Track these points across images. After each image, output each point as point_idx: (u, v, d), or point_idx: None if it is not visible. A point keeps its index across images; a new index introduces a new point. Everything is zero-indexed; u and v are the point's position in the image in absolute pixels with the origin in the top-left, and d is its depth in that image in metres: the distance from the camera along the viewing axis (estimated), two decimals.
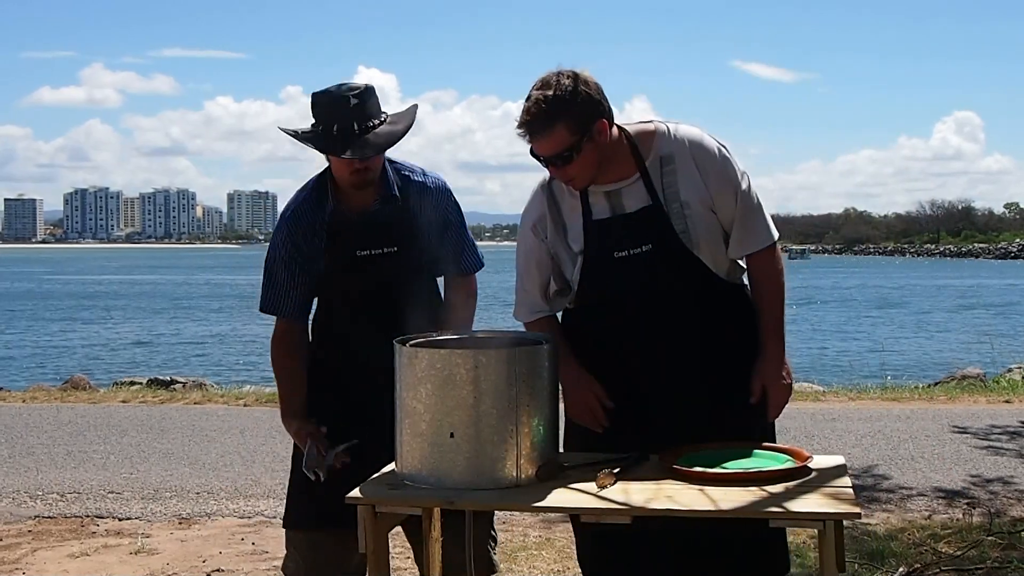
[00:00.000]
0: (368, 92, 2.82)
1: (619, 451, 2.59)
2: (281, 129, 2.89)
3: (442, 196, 3.03)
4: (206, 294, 49.30)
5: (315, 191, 2.96)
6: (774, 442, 2.72)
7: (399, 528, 2.81)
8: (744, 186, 2.70)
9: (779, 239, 2.80)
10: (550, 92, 2.53)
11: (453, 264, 3.08)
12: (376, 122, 2.82)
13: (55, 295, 48.71)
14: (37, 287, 56.72)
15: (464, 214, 3.11)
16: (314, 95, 2.82)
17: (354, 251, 2.92)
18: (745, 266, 2.78)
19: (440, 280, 3.12)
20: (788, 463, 2.47)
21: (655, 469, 2.49)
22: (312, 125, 2.84)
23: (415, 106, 2.96)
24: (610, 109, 2.63)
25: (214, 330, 29.20)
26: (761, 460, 2.49)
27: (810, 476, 2.43)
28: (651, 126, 2.72)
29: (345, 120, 2.77)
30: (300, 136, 2.84)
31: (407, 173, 2.99)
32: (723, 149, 2.71)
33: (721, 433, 2.63)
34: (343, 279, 2.94)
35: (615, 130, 2.67)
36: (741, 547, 2.64)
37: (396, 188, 2.94)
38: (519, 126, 2.57)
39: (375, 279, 2.91)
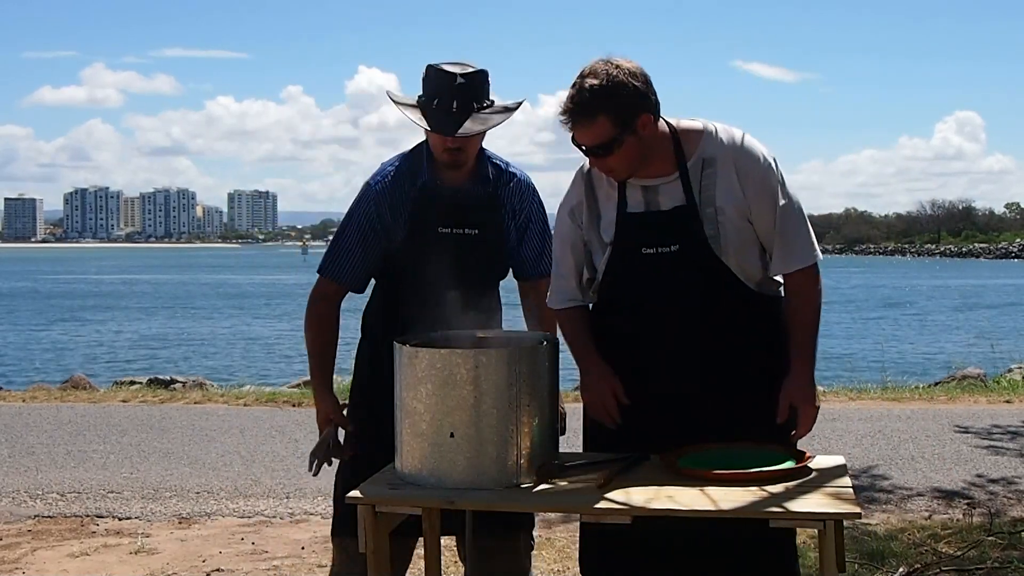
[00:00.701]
0: (480, 75, 2.82)
1: (634, 450, 2.58)
2: (388, 94, 2.92)
3: (529, 191, 3.04)
4: (207, 294, 49.29)
5: (408, 161, 2.95)
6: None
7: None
8: (785, 200, 2.63)
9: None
10: (596, 81, 2.49)
11: (532, 265, 3.06)
12: (478, 106, 2.81)
13: (55, 294, 48.70)
14: (38, 286, 56.70)
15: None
16: (428, 68, 2.85)
17: (436, 227, 2.89)
18: (782, 281, 2.71)
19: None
20: (789, 463, 2.47)
21: (656, 469, 2.49)
22: (419, 96, 2.86)
23: (521, 102, 2.92)
24: (657, 103, 2.58)
25: (214, 330, 29.20)
26: (762, 460, 2.49)
27: (810, 476, 2.43)
28: (699, 125, 2.67)
29: (446, 97, 2.78)
30: (400, 103, 2.85)
31: (499, 163, 3.01)
32: (768, 158, 2.65)
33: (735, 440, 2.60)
34: (419, 255, 2.88)
35: (661, 124, 2.63)
36: (748, 551, 2.62)
37: (490, 174, 2.96)
38: (561, 113, 2.54)
39: (451, 259, 2.84)
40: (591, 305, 2.83)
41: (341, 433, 2.97)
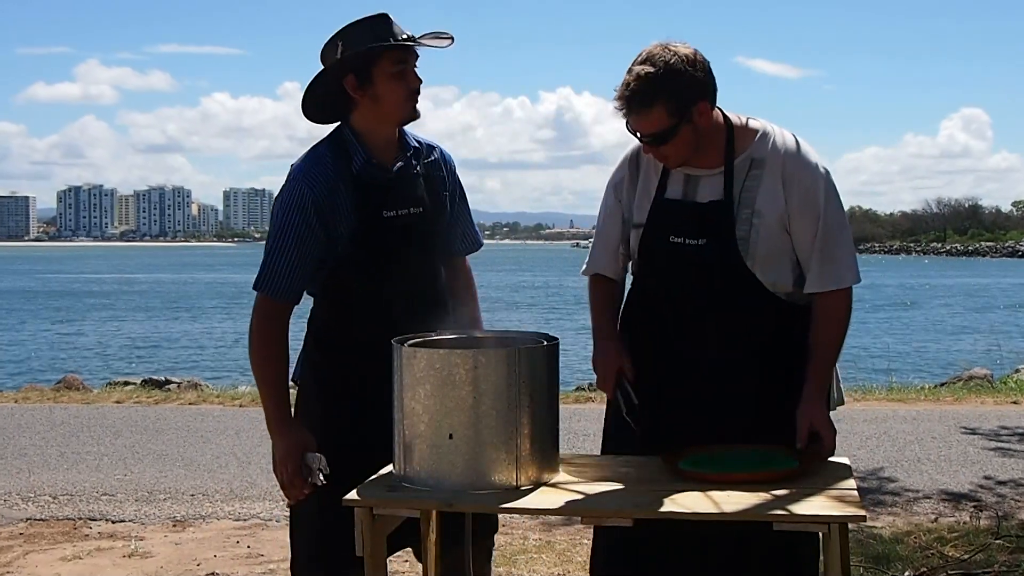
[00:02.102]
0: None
1: (647, 445, 2.57)
2: (314, 86, 2.66)
3: (452, 162, 2.92)
4: (201, 293, 49.21)
5: (332, 150, 2.69)
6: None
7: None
8: (830, 217, 2.56)
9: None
10: (653, 69, 2.44)
11: (460, 240, 2.95)
12: (414, 38, 2.65)
13: (48, 294, 48.59)
14: (31, 285, 56.56)
15: None
16: (345, 28, 2.62)
17: (380, 211, 2.68)
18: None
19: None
20: (791, 465, 2.43)
21: (658, 470, 2.45)
22: (349, 57, 2.60)
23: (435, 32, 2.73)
24: (715, 91, 2.53)
25: (209, 329, 29.14)
26: (764, 462, 2.45)
27: (814, 478, 2.39)
28: (757, 124, 2.62)
29: (397, 33, 2.61)
30: (365, 50, 2.57)
31: (415, 137, 2.84)
32: (820, 171, 2.58)
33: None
34: (364, 244, 2.67)
35: (716, 114, 2.58)
36: (761, 557, 2.58)
37: (412, 147, 2.78)
38: (617, 98, 2.48)
39: (399, 243, 2.71)
40: (628, 285, 2.80)
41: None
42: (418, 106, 2.70)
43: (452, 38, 2.67)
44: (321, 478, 2.58)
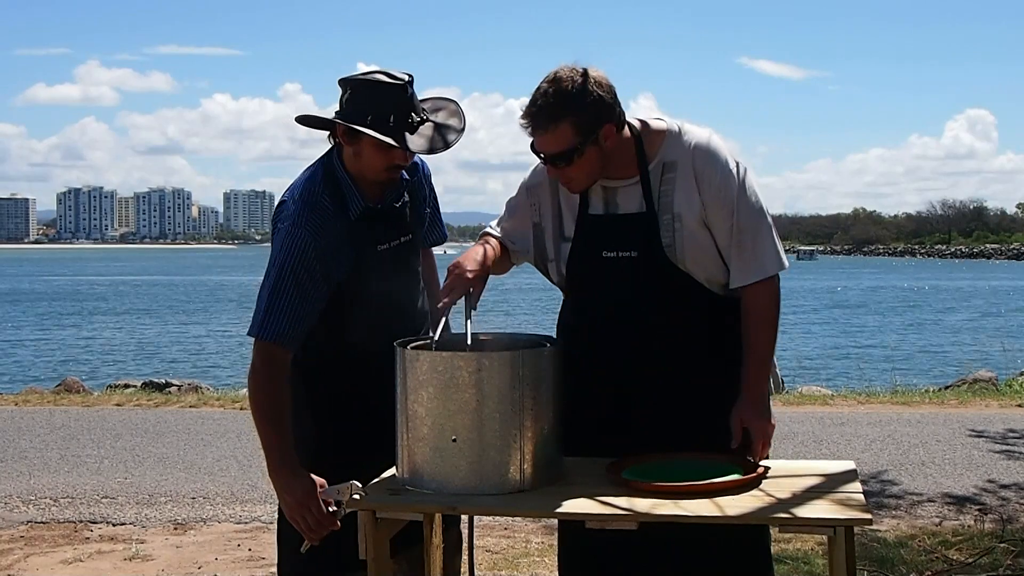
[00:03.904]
0: (413, 81, 2.62)
1: (598, 453, 2.55)
2: (306, 119, 2.64)
3: (428, 172, 2.92)
4: (202, 295, 49.21)
5: (326, 190, 2.63)
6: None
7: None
8: (743, 209, 2.55)
9: (786, 251, 2.65)
10: (560, 87, 2.44)
11: (429, 235, 2.96)
12: (425, 116, 2.62)
13: (48, 296, 48.59)
14: (33, 287, 56.55)
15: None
16: (358, 81, 2.57)
17: (376, 246, 2.69)
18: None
19: None
20: (735, 474, 2.40)
21: (603, 481, 2.41)
22: (346, 113, 2.56)
23: (454, 102, 2.71)
24: (621, 112, 2.53)
25: (210, 332, 29.13)
26: (706, 472, 2.40)
27: (760, 486, 2.37)
28: (663, 125, 2.62)
29: (403, 110, 2.55)
30: (352, 121, 2.52)
31: None
32: (729, 162, 2.56)
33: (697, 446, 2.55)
34: (360, 279, 2.65)
35: (625, 129, 2.58)
36: (717, 555, 2.57)
37: (405, 173, 2.77)
38: (523, 116, 2.49)
39: (393, 272, 2.72)
40: (564, 305, 2.77)
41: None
42: (398, 176, 2.68)
43: (461, 129, 2.64)
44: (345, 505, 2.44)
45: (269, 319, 2.55)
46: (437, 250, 3.11)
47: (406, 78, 2.58)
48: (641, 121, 2.63)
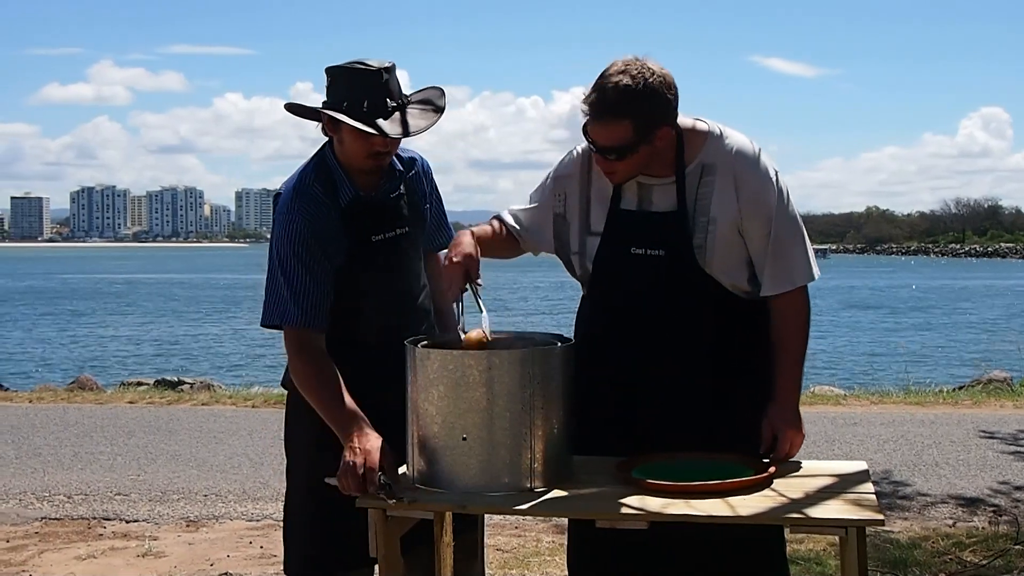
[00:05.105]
0: (393, 68, 2.63)
1: (609, 452, 2.55)
2: (293, 107, 2.67)
3: (430, 171, 2.92)
4: (214, 293, 49.33)
5: (319, 178, 2.67)
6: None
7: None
8: (781, 218, 2.56)
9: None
10: (631, 83, 2.41)
11: (435, 237, 2.95)
12: (404, 100, 2.63)
13: (61, 294, 48.79)
14: (48, 286, 56.80)
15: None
16: (336, 69, 2.59)
17: (369, 236, 2.70)
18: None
19: None
20: (747, 475, 2.39)
21: (613, 481, 2.41)
22: (327, 102, 2.60)
23: (439, 88, 2.73)
24: (676, 115, 2.52)
25: (222, 330, 29.21)
26: (715, 472, 2.39)
27: (771, 485, 2.36)
28: (704, 127, 2.60)
29: (378, 96, 2.56)
30: (330, 108, 2.55)
31: (399, 153, 2.81)
32: (769, 170, 2.58)
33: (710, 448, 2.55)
34: (354, 270, 2.67)
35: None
36: (735, 558, 2.56)
37: (397, 165, 2.78)
38: (586, 101, 2.45)
39: (388, 265, 2.73)
40: (584, 300, 2.76)
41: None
42: (383, 163, 2.67)
43: (439, 109, 2.65)
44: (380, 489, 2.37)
45: (291, 305, 2.57)
46: None
47: (384, 65, 2.59)
48: (683, 119, 2.60)
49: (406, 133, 2.58)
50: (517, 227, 2.76)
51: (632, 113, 2.42)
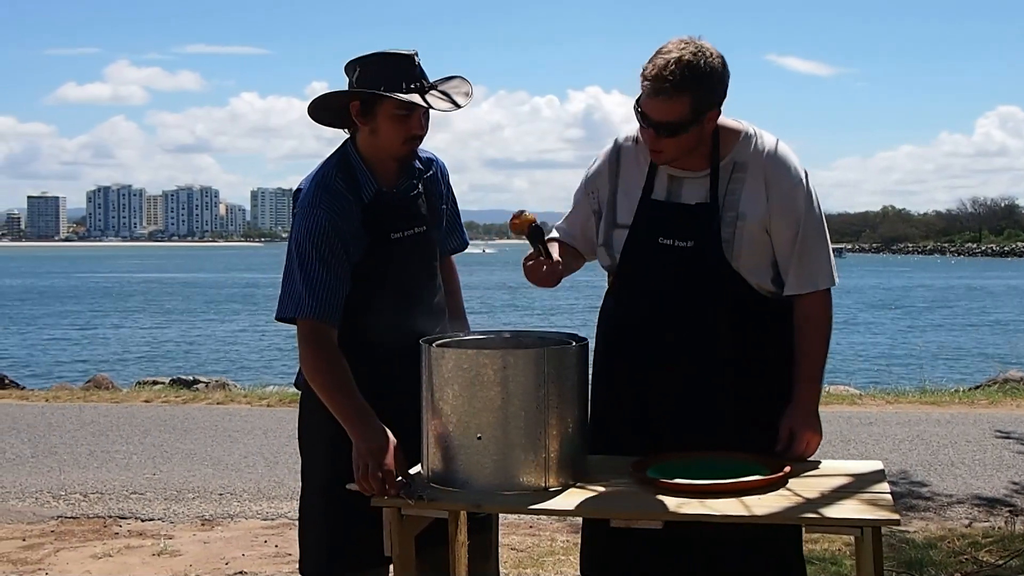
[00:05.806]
0: (418, 54, 2.64)
1: (624, 448, 2.56)
2: (326, 97, 2.65)
3: (447, 171, 2.94)
4: (229, 292, 49.49)
5: (341, 174, 2.67)
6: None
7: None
8: (810, 221, 2.59)
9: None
10: (695, 61, 2.42)
11: (448, 241, 2.97)
12: (431, 82, 2.64)
13: (78, 293, 49.04)
14: (65, 285, 57.09)
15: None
16: (366, 58, 2.60)
17: (389, 233, 2.71)
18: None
19: None
20: (761, 474, 2.38)
21: (627, 480, 2.41)
22: (365, 90, 2.59)
23: (460, 76, 2.73)
24: (724, 100, 2.55)
25: (237, 329, 29.30)
26: (735, 470, 2.39)
27: (786, 485, 2.35)
28: (739, 126, 2.63)
29: (413, 78, 2.58)
30: (367, 88, 2.54)
31: (418, 152, 2.82)
32: (800, 172, 2.60)
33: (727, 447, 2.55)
34: (371, 267, 2.68)
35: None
36: (751, 558, 2.56)
37: (416, 165, 2.80)
38: (648, 73, 2.45)
39: (405, 263, 2.74)
40: (609, 293, 2.78)
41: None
42: (416, 148, 2.71)
43: (469, 92, 2.67)
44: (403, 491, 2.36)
45: (306, 298, 2.57)
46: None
47: (413, 51, 2.62)
48: (721, 119, 2.62)
49: (454, 105, 2.61)
50: (571, 240, 2.80)
51: (692, 90, 2.44)
